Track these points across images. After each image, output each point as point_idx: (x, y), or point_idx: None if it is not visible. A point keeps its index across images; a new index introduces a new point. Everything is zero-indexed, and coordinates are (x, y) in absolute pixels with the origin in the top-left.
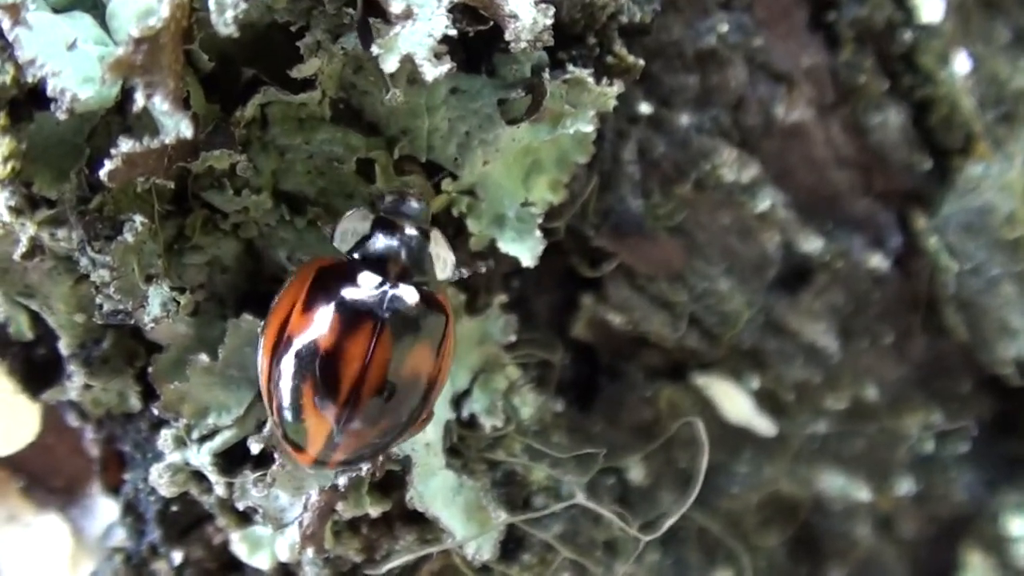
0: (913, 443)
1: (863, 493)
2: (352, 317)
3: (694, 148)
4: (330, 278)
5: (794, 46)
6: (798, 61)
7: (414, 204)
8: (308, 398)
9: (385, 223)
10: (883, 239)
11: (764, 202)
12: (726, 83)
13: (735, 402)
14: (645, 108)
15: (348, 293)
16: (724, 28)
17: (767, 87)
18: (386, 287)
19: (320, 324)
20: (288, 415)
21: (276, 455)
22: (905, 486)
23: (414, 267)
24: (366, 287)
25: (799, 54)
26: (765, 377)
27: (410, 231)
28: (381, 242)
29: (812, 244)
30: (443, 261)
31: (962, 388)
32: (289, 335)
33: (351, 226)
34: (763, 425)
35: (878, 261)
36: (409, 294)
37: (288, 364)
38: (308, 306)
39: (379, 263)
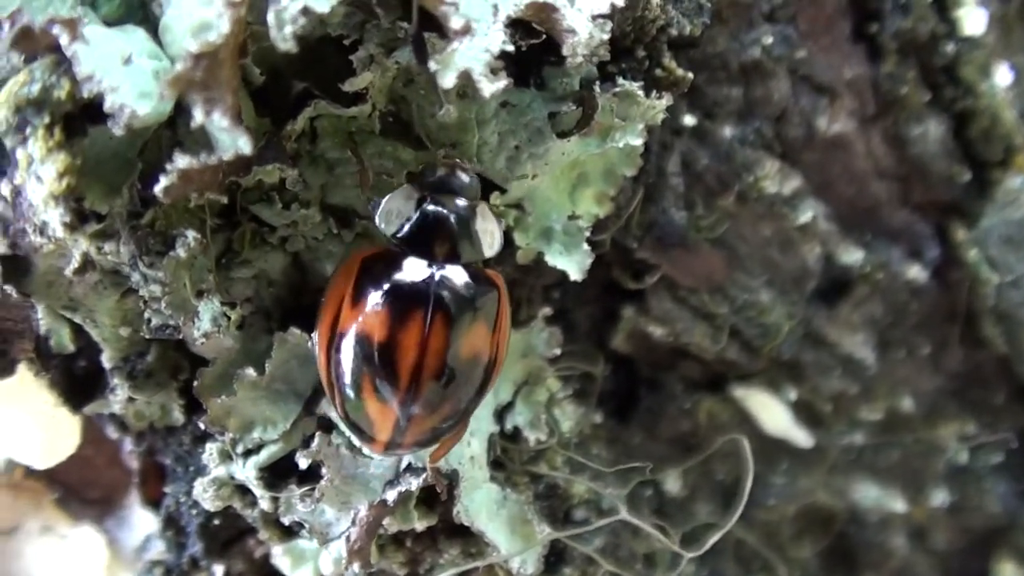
0: (948, 454)
1: (898, 504)
2: (402, 307)
3: (737, 160)
4: (375, 268)
5: (837, 58)
6: (840, 73)
7: (464, 177)
8: (369, 391)
9: (431, 202)
10: (921, 250)
11: (805, 214)
12: (769, 95)
13: (773, 414)
14: (689, 120)
15: (395, 282)
16: (768, 40)
17: (809, 99)
18: (434, 270)
19: (371, 318)
20: (352, 408)
21: (323, 470)
22: (939, 497)
23: (462, 246)
24: (413, 273)
25: (841, 66)
26: (802, 388)
27: (457, 209)
28: (427, 223)
29: (852, 256)
30: (491, 236)
31: (997, 399)
32: (342, 331)
33: (395, 206)
34: (800, 437)
35: (916, 272)
36: (458, 275)
37: (345, 359)
38: (356, 300)
39: (425, 245)
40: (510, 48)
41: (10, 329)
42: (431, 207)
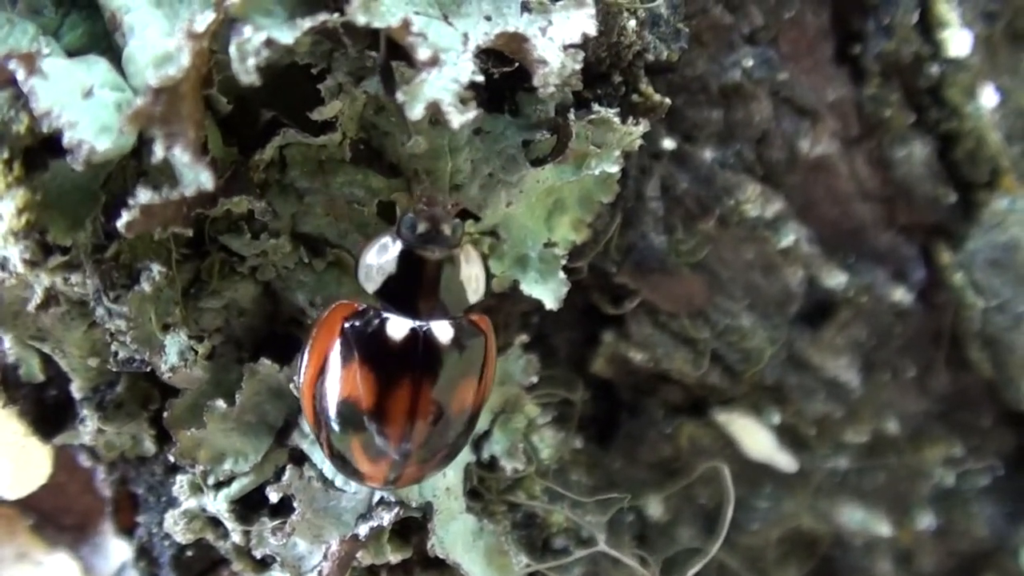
0: (934, 477)
1: (884, 527)
2: (389, 374)
3: (718, 184)
4: (359, 330)
5: (819, 80)
6: (823, 95)
7: (446, 229)
8: (359, 451)
9: (411, 257)
10: (906, 272)
11: (788, 237)
12: (750, 118)
13: (756, 438)
14: (668, 143)
15: (380, 347)
16: (749, 63)
17: (791, 121)
18: (420, 329)
19: (358, 385)
20: (341, 462)
21: (295, 503)
22: (926, 520)
23: (447, 299)
24: (398, 335)
25: (824, 88)
26: (786, 412)
27: (440, 260)
28: (410, 280)
29: (836, 279)
30: (475, 281)
31: (983, 422)
32: (328, 391)
33: (376, 262)
34: (784, 461)
35: (901, 295)
36: (444, 332)
37: (333, 420)
38: (342, 363)
39: (409, 302)
40: (479, 79)
41: None
42: (412, 261)
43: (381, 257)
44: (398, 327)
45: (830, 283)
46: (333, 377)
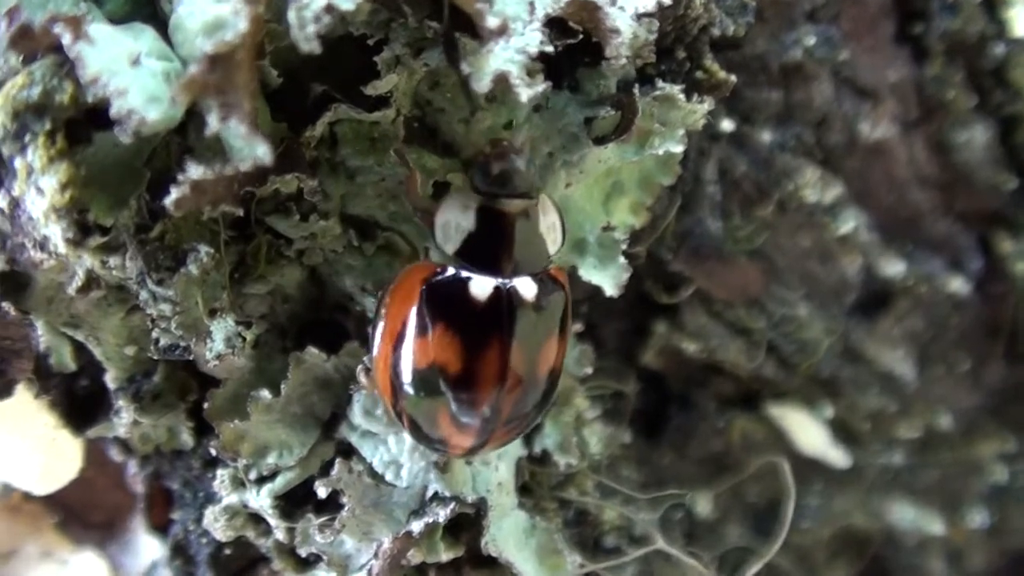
0: (987, 473)
1: (936, 526)
2: (477, 337)
3: (776, 167)
4: (441, 293)
5: (880, 59)
6: (884, 75)
7: (519, 164)
8: (445, 419)
9: (491, 209)
10: (963, 262)
11: (847, 224)
12: (811, 99)
13: (809, 433)
14: (727, 125)
15: (466, 310)
16: (811, 41)
17: (852, 103)
18: (504, 287)
19: (444, 350)
20: (425, 431)
21: (343, 499)
22: (978, 518)
23: (529, 253)
24: (483, 296)
25: (885, 68)
26: (839, 406)
27: (520, 212)
28: (490, 235)
29: (894, 268)
30: (555, 231)
31: None
32: (411, 361)
33: (453, 219)
34: (837, 456)
35: (959, 285)
36: (528, 288)
37: (416, 389)
38: (424, 329)
39: (491, 259)
40: (548, 49)
41: (8, 348)
42: (492, 216)
43: (459, 214)
44: (482, 286)
45: (888, 272)
46: (414, 343)
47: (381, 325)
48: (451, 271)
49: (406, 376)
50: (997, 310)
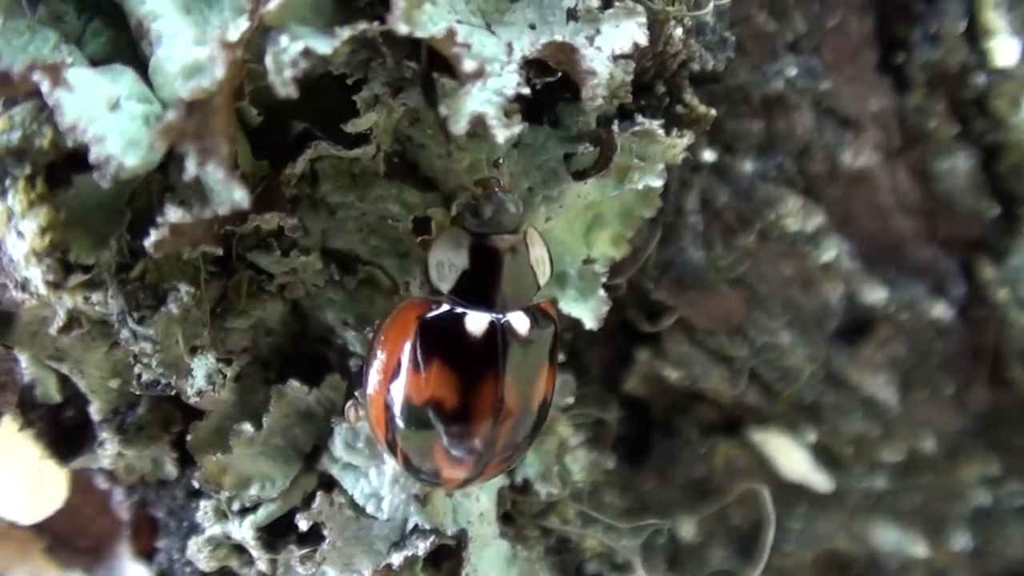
0: (970, 497)
1: (919, 548)
2: (473, 373)
3: (758, 197)
4: (437, 329)
5: (862, 89)
6: (866, 105)
7: (511, 207)
8: (440, 451)
9: (482, 249)
10: (946, 288)
11: (829, 252)
12: (793, 129)
13: (792, 458)
14: (709, 155)
15: (462, 346)
16: (792, 72)
17: (834, 132)
18: (498, 322)
19: (441, 386)
20: (417, 465)
21: (325, 531)
22: (961, 540)
23: (521, 287)
24: (478, 332)
25: (867, 97)
26: (822, 431)
27: (511, 247)
28: (483, 272)
29: (876, 295)
30: (542, 265)
31: (1021, 440)
32: (406, 397)
33: (446, 258)
34: (819, 481)
35: (941, 311)
36: (521, 322)
37: (411, 424)
38: (420, 365)
39: (484, 295)
40: (525, 91)
41: None
42: (484, 253)
43: (452, 253)
44: (477, 322)
45: (870, 299)
46: (410, 379)
47: (375, 361)
48: (445, 307)
49: (401, 411)
50: (980, 335)
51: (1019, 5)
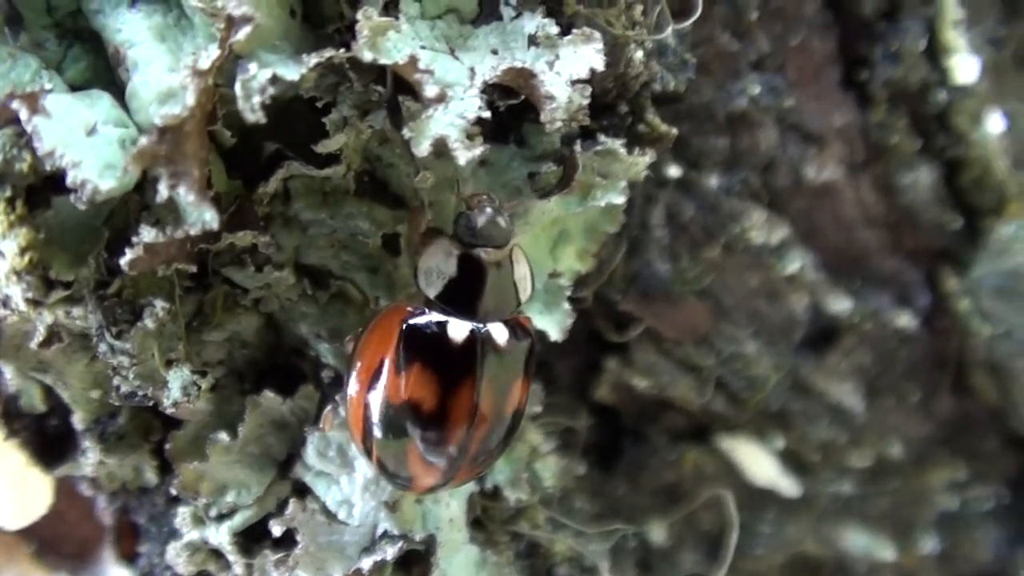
0: (938, 501)
1: (887, 552)
2: (451, 376)
3: (723, 211)
4: (419, 332)
5: (826, 105)
6: (829, 121)
7: (501, 223)
8: (415, 455)
9: (471, 258)
10: (911, 298)
11: (793, 264)
12: (756, 145)
13: (760, 464)
14: (674, 171)
15: (443, 349)
16: (756, 90)
17: (798, 148)
18: (479, 331)
19: (420, 387)
20: (392, 466)
21: (298, 536)
22: (929, 544)
23: (503, 300)
24: (460, 338)
25: (831, 113)
26: (790, 437)
27: (497, 263)
28: (469, 282)
29: (840, 305)
30: (525, 283)
31: (987, 447)
32: (385, 397)
33: (435, 265)
34: (787, 486)
35: (906, 320)
36: (501, 333)
37: (388, 425)
38: (401, 367)
39: (468, 304)
40: (486, 114)
41: None
42: (471, 263)
43: (442, 261)
44: (459, 329)
45: (835, 309)
46: (390, 380)
47: (357, 363)
48: (429, 313)
49: (379, 412)
50: (944, 344)
51: (978, 24)
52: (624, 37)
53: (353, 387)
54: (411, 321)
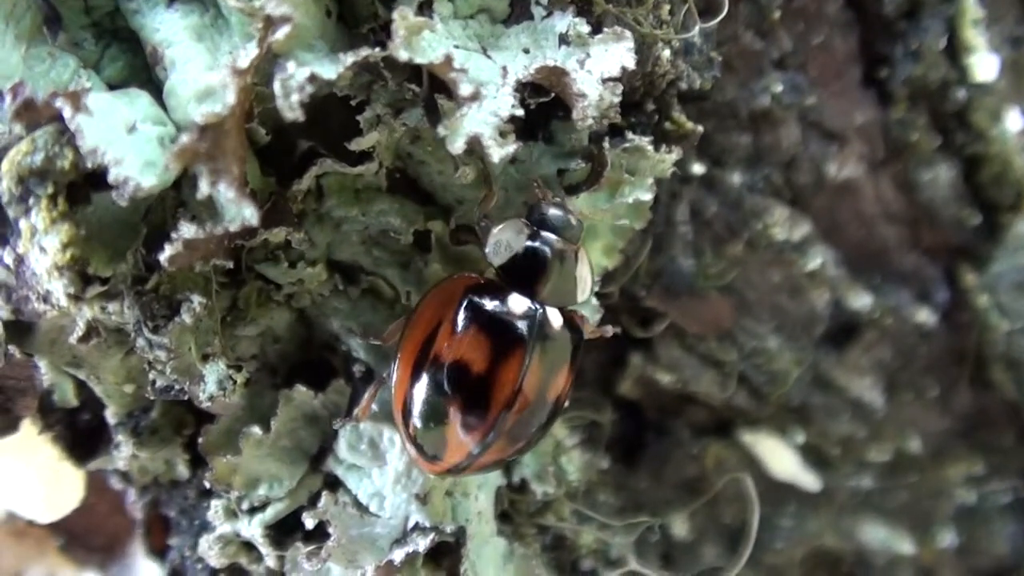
0: (956, 495)
1: (905, 545)
2: (505, 343)
3: (746, 207)
4: (481, 299)
5: (847, 103)
6: (851, 118)
7: (572, 219)
8: (454, 418)
9: (540, 240)
10: (930, 293)
11: (815, 260)
12: (779, 142)
13: (781, 458)
14: (698, 168)
15: (500, 317)
16: (778, 88)
17: (819, 145)
18: (536, 309)
19: (472, 348)
20: (427, 433)
21: (330, 528)
22: (947, 538)
23: (561, 288)
24: (517, 310)
25: (852, 111)
26: (810, 432)
27: (563, 251)
28: (534, 261)
29: (861, 301)
30: (585, 282)
31: (1005, 441)
32: (436, 354)
33: (506, 238)
34: (808, 480)
35: (925, 316)
36: (556, 318)
37: (433, 384)
38: (457, 327)
39: (529, 282)
40: (519, 112)
41: (13, 387)
42: (539, 245)
43: (511, 235)
44: (519, 303)
45: (855, 305)
46: (446, 340)
47: (414, 321)
48: (494, 284)
49: (429, 367)
50: (962, 339)
51: (997, 23)
52: (652, 36)
53: (406, 345)
54: (475, 286)
